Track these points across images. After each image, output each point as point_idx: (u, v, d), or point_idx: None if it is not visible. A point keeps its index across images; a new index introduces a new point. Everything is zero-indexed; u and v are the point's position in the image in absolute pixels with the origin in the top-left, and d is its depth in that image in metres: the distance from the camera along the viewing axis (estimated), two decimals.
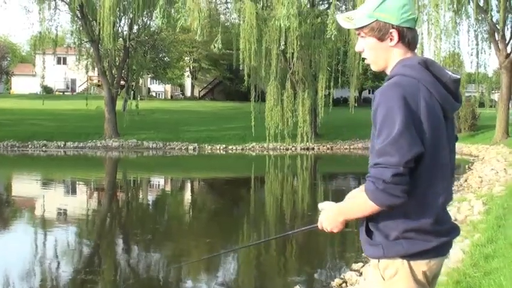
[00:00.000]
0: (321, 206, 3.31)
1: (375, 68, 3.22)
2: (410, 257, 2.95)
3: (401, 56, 3.09)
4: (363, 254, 3.21)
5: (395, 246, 2.96)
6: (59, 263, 11.97)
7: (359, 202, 3.01)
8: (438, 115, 2.97)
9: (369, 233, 3.05)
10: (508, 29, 36.99)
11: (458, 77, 3.13)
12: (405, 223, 2.94)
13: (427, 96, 2.93)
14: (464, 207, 13.66)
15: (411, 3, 3.10)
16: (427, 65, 3.03)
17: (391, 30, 3.04)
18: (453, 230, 3.14)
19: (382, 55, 3.13)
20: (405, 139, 2.81)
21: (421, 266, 2.97)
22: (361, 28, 3.12)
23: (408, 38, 3.07)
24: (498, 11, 36.36)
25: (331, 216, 3.16)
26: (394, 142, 2.81)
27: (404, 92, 2.88)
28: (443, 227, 3.05)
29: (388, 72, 3.14)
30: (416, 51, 3.21)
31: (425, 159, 2.91)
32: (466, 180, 22.27)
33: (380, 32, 3.06)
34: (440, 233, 3.01)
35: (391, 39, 3.06)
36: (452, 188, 3.21)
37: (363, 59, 3.26)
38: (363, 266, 10.20)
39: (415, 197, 2.90)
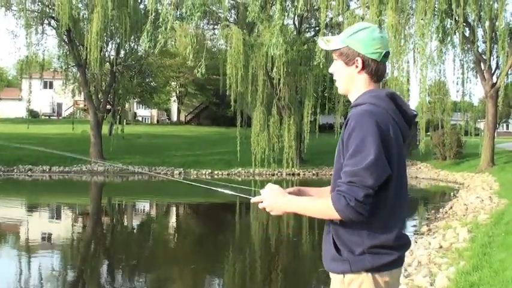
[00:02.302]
0: (270, 185, 3.56)
1: (340, 90, 3.57)
2: (375, 270, 3.22)
3: (365, 84, 3.42)
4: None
5: (361, 261, 3.22)
6: None
7: (320, 206, 3.25)
8: (401, 142, 3.34)
9: (337, 249, 3.30)
10: (493, 59, 37.21)
11: (416, 113, 3.52)
12: (371, 239, 3.22)
13: (394, 125, 3.28)
14: (450, 234, 13.70)
15: (382, 40, 3.41)
16: (393, 97, 3.39)
17: (356, 58, 3.37)
18: (408, 242, 3.45)
19: (346, 79, 3.47)
20: (378, 165, 3.11)
21: (384, 277, 3.25)
22: (334, 51, 3.46)
23: (372, 68, 3.39)
24: (484, 42, 36.65)
25: (278, 202, 3.44)
26: (369, 167, 3.09)
27: (378, 120, 3.18)
28: (403, 240, 3.34)
29: (350, 97, 3.49)
30: (402, 79, 3.38)
31: (392, 182, 3.24)
32: (451, 208, 22.32)
33: (347, 57, 3.40)
34: (400, 246, 3.32)
35: (356, 66, 3.38)
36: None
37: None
38: None
39: (382, 215, 3.24)
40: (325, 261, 3.41)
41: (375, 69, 3.39)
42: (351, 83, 3.45)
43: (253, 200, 3.64)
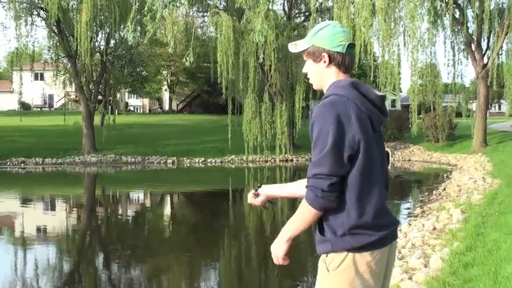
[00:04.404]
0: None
1: (315, 86, 3.81)
2: (355, 250, 3.40)
3: (335, 76, 3.63)
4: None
5: (342, 242, 3.40)
6: (38, 281, 11.89)
7: (302, 212, 3.46)
8: (368, 126, 3.47)
9: (322, 231, 3.50)
10: (484, 40, 37.24)
11: (383, 94, 3.69)
12: (349, 221, 3.39)
13: (357, 111, 3.44)
14: (443, 215, 13.73)
15: (344, 33, 3.64)
16: (355, 85, 3.55)
17: (323, 54, 3.61)
18: (392, 223, 3.62)
19: (318, 75, 3.70)
20: (336, 152, 3.33)
21: (365, 258, 3.41)
22: (302, 52, 3.70)
23: (338, 60, 3.61)
24: (474, 23, 36.63)
25: (274, 244, 3.73)
26: (326, 156, 3.32)
27: (337, 110, 3.40)
28: (383, 221, 3.51)
29: (324, 91, 3.69)
30: (393, 62, 3.43)
31: (360, 165, 3.41)
32: (444, 189, 22.38)
33: (314, 55, 3.64)
34: (381, 227, 3.48)
35: (324, 62, 3.62)
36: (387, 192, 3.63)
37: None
38: None
39: (354, 198, 3.40)
40: (316, 245, 3.59)
41: (341, 61, 3.60)
42: (323, 78, 3.68)
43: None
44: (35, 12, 44.93)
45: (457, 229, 11.57)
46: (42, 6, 43.90)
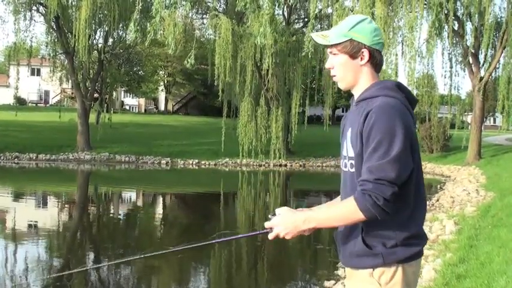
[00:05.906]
0: (278, 211, 3.41)
1: (342, 85, 3.45)
2: (406, 260, 3.21)
3: (370, 75, 3.37)
4: (346, 268, 3.35)
5: (394, 254, 3.19)
6: (27, 278, 11.83)
7: (343, 210, 3.16)
8: (415, 130, 3.26)
9: (367, 244, 3.23)
10: (481, 53, 37.32)
11: (417, 99, 3.53)
12: (403, 231, 3.20)
13: (409, 115, 3.22)
14: (436, 226, 13.73)
15: (380, 31, 3.39)
16: (401, 87, 3.34)
17: (363, 50, 3.31)
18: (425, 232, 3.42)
19: (351, 72, 3.37)
20: (404, 159, 3.09)
21: (412, 268, 3.26)
22: (336, 45, 3.36)
23: (377, 59, 3.36)
24: (472, 35, 36.70)
25: (292, 222, 3.28)
26: (395, 161, 3.05)
27: (400, 113, 3.15)
28: (423, 230, 3.37)
29: (355, 91, 3.42)
30: (390, 71, 3.40)
31: (415, 174, 3.20)
32: (437, 200, 22.37)
33: (353, 49, 3.32)
34: (424, 236, 3.35)
35: (361, 58, 3.33)
36: None
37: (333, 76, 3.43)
38: (335, 283, 10.19)
39: (410, 207, 3.22)
40: (348, 258, 3.38)
41: (379, 60, 3.39)
42: (357, 76, 3.38)
43: (270, 236, 3.46)
44: (34, 8, 44.91)
45: (450, 240, 11.58)
46: (41, 1, 43.91)
